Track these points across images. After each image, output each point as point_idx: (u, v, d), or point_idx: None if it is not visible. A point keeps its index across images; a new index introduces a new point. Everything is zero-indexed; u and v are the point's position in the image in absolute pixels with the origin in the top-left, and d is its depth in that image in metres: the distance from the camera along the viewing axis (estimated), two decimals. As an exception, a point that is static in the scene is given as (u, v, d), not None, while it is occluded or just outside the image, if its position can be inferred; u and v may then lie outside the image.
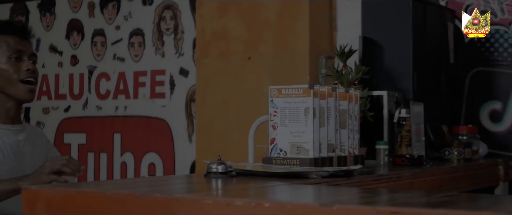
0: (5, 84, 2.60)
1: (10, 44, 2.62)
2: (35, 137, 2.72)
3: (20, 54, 2.62)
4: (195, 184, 1.94)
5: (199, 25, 4.48)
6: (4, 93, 2.61)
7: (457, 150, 3.46)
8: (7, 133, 2.58)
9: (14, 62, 2.60)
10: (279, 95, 2.69)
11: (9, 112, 2.62)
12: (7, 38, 2.63)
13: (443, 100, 3.86)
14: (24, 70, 2.60)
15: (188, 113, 4.89)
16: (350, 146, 2.91)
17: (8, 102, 2.62)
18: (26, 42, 2.70)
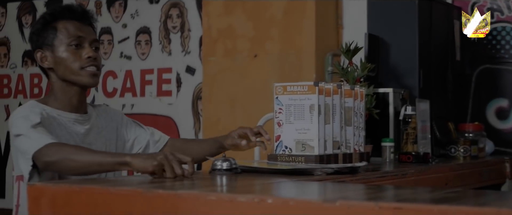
0: (66, 72, 2.45)
1: (70, 31, 2.47)
2: (101, 121, 2.58)
3: (80, 41, 2.48)
4: (199, 181, 1.94)
5: (206, 23, 4.48)
6: (66, 81, 2.47)
7: (463, 147, 3.46)
8: (71, 121, 2.46)
9: (74, 49, 2.46)
10: (284, 92, 2.69)
11: (71, 100, 2.48)
12: (67, 24, 2.48)
13: (449, 98, 3.85)
14: (85, 58, 2.46)
15: (195, 111, 4.90)
16: (356, 143, 2.91)
17: (71, 90, 2.48)
18: (87, 28, 2.54)
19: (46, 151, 2.17)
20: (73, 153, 2.17)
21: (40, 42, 2.49)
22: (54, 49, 2.46)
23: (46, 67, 2.49)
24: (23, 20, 5.69)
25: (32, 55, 2.53)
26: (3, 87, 5.81)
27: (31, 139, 2.22)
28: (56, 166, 2.17)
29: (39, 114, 2.34)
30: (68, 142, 2.39)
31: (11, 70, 5.77)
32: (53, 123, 2.39)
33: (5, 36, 5.79)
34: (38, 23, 2.52)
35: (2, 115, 5.79)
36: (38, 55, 2.49)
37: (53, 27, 2.47)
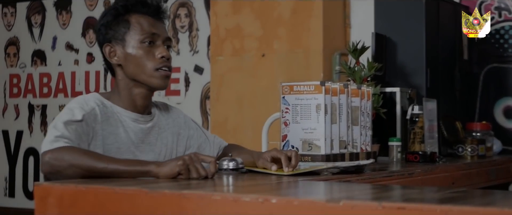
0: (136, 71, 2.31)
1: (144, 26, 2.32)
2: (163, 121, 2.44)
3: (154, 38, 2.32)
4: (205, 180, 1.95)
5: (214, 23, 4.50)
6: (135, 80, 2.32)
7: (470, 147, 3.46)
8: (131, 120, 2.32)
9: (147, 47, 2.31)
10: (291, 92, 2.70)
11: (136, 101, 2.34)
12: (140, 19, 2.32)
13: (457, 97, 3.85)
14: (158, 57, 2.31)
15: (203, 110, 4.91)
16: (363, 142, 2.92)
17: (137, 92, 2.33)
18: (161, 24, 2.39)
19: (58, 154, 2.05)
20: (86, 161, 2.03)
21: (109, 36, 2.32)
22: (125, 44, 2.31)
23: (115, 63, 2.33)
24: (33, 20, 5.72)
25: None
26: (13, 87, 5.84)
27: (51, 136, 2.10)
28: (64, 173, 2.04)
29: (90, 109, 2.22)
30: (123, 140, 2.28)
31: (20, 69, 5.79)
32: (110, 118, 2.27)
33: (14, 35, 5.82)
34: (108, 14, 2.34)
35: (12, 114, 5.82)
36: (107, 50, 2.33)
37: (125, 21, 2.32)
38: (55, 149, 2.05)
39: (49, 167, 2.06)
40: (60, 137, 2.09)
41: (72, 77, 5.53)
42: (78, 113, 2.18)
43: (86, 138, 2.18)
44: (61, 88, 5.58)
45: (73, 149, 2.07)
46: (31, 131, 5.72)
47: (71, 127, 2.14)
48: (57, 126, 2.13)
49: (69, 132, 2.11)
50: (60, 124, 2.13)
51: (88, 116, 2.20)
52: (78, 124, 2.16)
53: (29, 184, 5.71)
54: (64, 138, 2.09)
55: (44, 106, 5.66)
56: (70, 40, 5.53)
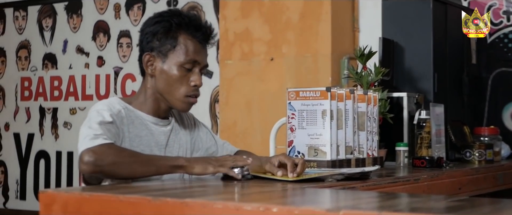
0: (165, 89, 2.36)
1: (189, 51, 2.35)
2: (177, 121, 2.50)
3: (194, 65, 2.37)
4: (209, 188, 1.96)
5: (222, 27, 4.51)
6: (162, 95, 2.38)
7: (478, 151, 3.45)
8: (152, 123, 2.39)
9: (184, 71, 2.35)
10: (297, 97, 2.71)
11: (158, 110, 2.40)
12: (188, 41, 2.36)
13: (465, 101, 3.84)
14: (191, 84, 2.36)
15: (212, 113, 4.92)
16: (369, 148, 2.92)
17: (161, 103, 2.39)
18: (205, 51, 2.42)
19: (100, 150, 2.09)
20: (128, 156, 2.12)
21: (153, 46, 2.37)
22: (166, 60, 2.36)
23: (149, 72, 2.39)
24: (44, 24, 5.75)
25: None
26: (24, 90, 5.87)
27: (89, 135, 2.14)
28: (107, 170, 2.09)
29: (117, 111, 2.27)
30: (146, 143, 2.35)
31: (31, 73, 5.83)
32: (134, 121, 2.34)
33: (26, 39, 5.86)
34: (160, 25, 2.38)
35: (24, 117, 5.86)
36: (146, 58, 2.38)
37: (173, 38, 2.36)
38: (97, 146, 2.10)
39: (92, 166, 2.08)
40: (99, 135, 2.13)
41: (82, 80, 5.56)
42: (107, 114, 2.24)
43: (117, 139, 2.24)
44: (72, 91, 5.61)
45: (114, 146, 2.14)
46: (42, 133, 5.75)
47: (106, 126, 2.19)
48: (92, 126, 2.17)
49: (104, 131, 2.16)
50: (95, 125, 2.17)
51: (116, 117, 2.27)
52: (110, 124, 2.22)
53: (40, 186, 5.74)
54: (103, 135, 2.14)
55: (55, 109, 5.69)
56: (80, 44, 5.56)
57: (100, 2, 5.45)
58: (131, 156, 2.14)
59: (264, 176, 2.27)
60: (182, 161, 2.13)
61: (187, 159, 2.17)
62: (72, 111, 5.61)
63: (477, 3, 4.07)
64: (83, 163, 2.08)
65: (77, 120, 5.56)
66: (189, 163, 2.13)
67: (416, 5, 3.65)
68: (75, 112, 5.60)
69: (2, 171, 5.98)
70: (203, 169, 2.12)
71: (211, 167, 2.13)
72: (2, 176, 5.97)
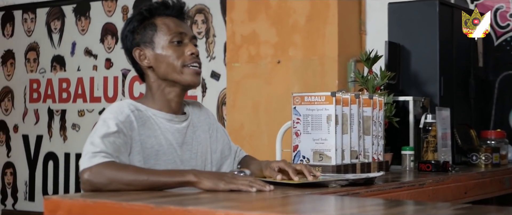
0: (167, 70, 2.36)
1: (171, 27, 2.38)
2: (195, 118, 2.49)
3: (181, 37, 2.39)
4: (213, 194, 1.97)
5: (230, 29, 4.52)
6: (167, 80, 2.37)
7: (484, 155, 3.44)
8: (167, 121, 2.37)
9: (175, 46, 2.37)
10: (302, 102, 2.71)
11: (170, 102, 2.39)
12: (166, 20, 2.40)
13: (472, 105, 3.83)
14: (188, 54, 2.37)
15: (220, 116, 4.93)
16: (374, 152, 2.93)
17: (171, 92, 2.39)
18: (185, 24, 2.46)
19: (97, 171, 2.06)
20: (128, 175, 2.06)
21: (137, 40, 2.38)
22: (154, 46, 2.36)
23: (145, 66, 2.38)
24: (52, 26, 5.77)
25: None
26: (32, 92, 5.90)
27: (88, 153, 2.12)
28: (106, 190, 2.05)
29: (126, 117, 2.24)
30: (161, 142, 2.32)
31: (40, 75, 5.85)
32: (146, 122, 2.31)
33: (34, 41, 5.88)
34: (133, 20, 2.40)
35: (32, 119, 5.89)
36: (136, 53, 2.37)
37: (151, 24, 2.38)
38: (94, 166, 2.07)
39: (89, 185, 2.06)
40: (97, 152, 2.11)
41: (90, 82, 5.58)
42: (112, 124, 2.21)
43: (125, 149, 2.21)
44: (80, 93, 5.64)
45: (113, 164, 2.09)
46: (51, 135, 5.77)
47: (109, 139, 2.16)
48: (94, 142, 2.15)
49: (106, 146, 2.13)
50: (97, 139, 2.15)
51: (124, 124, 2.23)
52: (115, 135, 2.19)
53: (48, 188, 5.77)
54: (102, 152, 2.11)
55: (63, 111, 5.72)
56: (88, 46, 5.59)
57: (108, 5, 5.48)
58: (133, 174, 2.07)
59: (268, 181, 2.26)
60: (191, 177, 2.06)
61: (197, 173, 2.09)
62: (80, 112, 5.64)
63: (484, 6, 4.06)
64: (82, 182, 2.08)
65: (85, 121, 5.59)
66: (199, 178, 2.06)
67: (422, 8, 3.64)
68: (83, 114, 5.62)
69: (11, 172, 6.01)
70: (214, 184, 2.05)
71: (222, 184, 2.05)
72: (11, 178, 6.00)
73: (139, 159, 2.26)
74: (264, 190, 2.06)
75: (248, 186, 2.05)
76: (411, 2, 3.72)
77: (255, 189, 2.05)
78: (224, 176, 2.12)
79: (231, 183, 2.07)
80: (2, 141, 6.06)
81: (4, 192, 6.04)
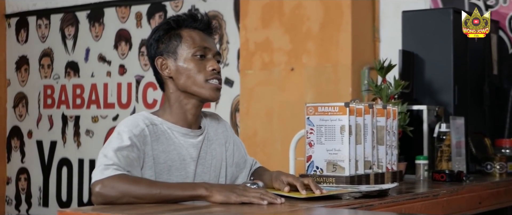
0: (187, 83, 2.36)
1: (196, 40, 2.38)
2: (212, 132, 2.49)
3: (205, 52, 2.38)
4: (225, 207, 1.97)
5: (243, 37, 4.52)
6: (186, 92, 2.37)
7: (499, 164, 3.43)
8: (182, 135, 2.37)
9: (198, 60, 2.36)
10: (316, 113, 2.70)
11: (186, 114, 2.39)
12: (192, 33, 2.39)
13: (486, 113, 3.82)
14: (209, 70, 2.36)
15: (233, 122, 4.93)
16: (388, 162, 2.92)
17: (188, 103, 2.39)
18: (211, 39, 2.46)
19: (109, 183, 2.06)
20: (140, 189, 2.06)
21: (161, 49, 2.39)
22: (177, 57, 2.37)
23: (166, 76, 2.38)
24: (66, 32, 5.79)
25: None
26: (47, 98, 5.92)
27: (101, 165, 2.12)
28: (118, 203, 2.06)
29: (140, 131, 2.24)
30: (174, 157, 2.32)
31: (54, 81, 5.87)
32: (161, 136, 2.31)
33: (48, 47, 5.90)
34: (160, 29, 2.42)
35: (46, 125, 5.90)
36: (159, 62, 2.38)
37: (177, 35, 2.39)
38: (105, 178, 2.07)
39: (101, 198, 2.06)
40: (110, 165, 2.11)
41: (104, 88, 5.60)
42: (126, 137, 2.21)
43: (137, 163, 2.21)
44: (94, 99, 5.65)
45: (125, 177, 2.09)
46: (65, 141, 5.79)
47: (122, 153, 2.16)
48: (107, 154, 2.15)
49: (119, 160, 2.13)
50: (110, 152, 2.15)
51: (138, 138, 2.23)
52: (128, 148, 2.19)
53: (62, 193, 5.78)
54: (114, 165, 2.11)
55: (77, 117, 5.73)
56: (102, 52, 5.60)
57: (122, 11, 5.49)
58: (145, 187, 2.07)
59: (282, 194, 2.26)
60: (202, 191, 2.07)
61: (208, 187, 2.09)
62: (94, 118, 5.65)
63: (499, 14, 4.05)
64: (93, 194, 2.08)
65: (99, 127, 5.60)
66: (210, 192, 2.06)
67: (436, 16, 3.64)
68: (97, 120, 5.63)
69: (25, 178, 6.03)
70: (225, 197, 2.06)
71: (234, 196, 2.06)
72: (25, 183, 6.02)
73: (150, 174, 2.26)
74: (276, 202, 2.07)
75: (259, 198, 2.06)
76: (425, 10, 3.72)
77: (266, 202, 2.06)
78: (235, 188, 2.12)
79: (243, 195, 2.08)
80: (16, 146, 6.09)
81: (18, 197, 6.06)
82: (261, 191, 2.12)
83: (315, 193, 2.24)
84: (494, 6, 4.08)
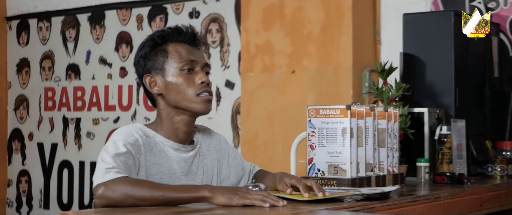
0: (177, 98, 2.34)
1: (182, 54, 2.35)
2: (204, 147, 2.48)
3: (192, 65, 2.36)
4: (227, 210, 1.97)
5: (244, 39, 4.53)
6: (177, 108, 2.36)
7: (500, 166, 3.43)
8: (174, 150, 2.36)
9: (186, 74, 2.35)
10: (317, 115, 2.71)
11: (177, 129, 2.38)
12: (177, 47, 2.37)
13: (487, 115, 3.82)
14: (198, 83, 2.35)
15: (234, 125, 4.94)
16: (389, 164, 2.92)
17: (180, 120, 2.37)
18: (198, 51, 2.43)
19: (112, 186, 2.06)
20: (143, 190, 2.07)
21: (148, 66, 2.36)
22: (165, 73, 2.35)
23: (155, 93, 2.37)
24: (67, 34, 5.80)
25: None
26: (47, 100, 5.93)
27: (101, 169, 2.12)
28: (121, 205, 2.06)
29: (134, 140, 2.25)
30: (165, 170, 2.31)
31: (55, 83, 5.88)
32: (153, 148, 2.31)
33: (49, 49, 5.91)
34: (146, 46, 2.38)
35: (47, 128, 5.91)
36: (147, 80, 2.37)
37: (163, 50, 2.36)
38: (108, 181, 2.07)
39: (105, 200, 2.06)
40: (110, 168, 2.11)
41: (105, 91, 5.60)
42: (121, 145, 2.21)
43: (134, 170, 2.21)
44: (95, 102, 5.65)
45: (127, 179, 2.09)
46: (66, 143, 5.80)
47: (120, 158, 2.16)
48: (106, 159, 2.15)
49: (118, 164, 2.13)
50: (108, 158, 2.15)
51: (133, 147, 2.23)
52: (125, 155, 2.19)
53: (63, 196, 5.79)
54: (115, 168, 2.11)
55: (78, 119, 5.73)
56: (103, 55, 5.60)
57: (123, 13, 5.49)
58: (148, 189, 2.08)
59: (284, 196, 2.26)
60: (205, 192, 2.07)
61: (211, 189, 2.10)
62: (95, 121, 5.65)
63: (499, 16, 4.05)
64: (96, 197, 2.08)
65: (100, 130, 5.60)
66: (213, 193, 2.07)
67: (437, 19, 3.64)
68: (98, 122, 5.64)
69: (26, 180, 6.03)
70: (228, 199, 2.06)
71: (236, 199, 2.06)
72: (26, 185, 6.03)
73: None
74: (278, 205, 2.08)
75: (261, 201, 2.07)
76: (426, 13, 3.72)
77: (269, 204, 2.07)
78: (237, 191, 2.12)
79: (245, 198, 2.08)
80: (17, 149, 6.09)
81: (19, 200, 6.06)
82: (263, 193, 2.13)
83: (318, 196, 2.24)
84: (495, 8, 4.08)
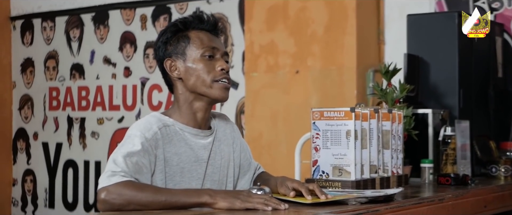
0: (197, 84, 2.37)
1: (204, 41, 2.39)
2: (220, 132, 2.51)
3: (213, 52, 2.39)
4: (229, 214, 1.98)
5: (248, 39, 4.53)
6: (195, 93, 2.39)
7: (504, 167, 3.43)
8: (193, 136, 2.38)
9: (207, 60, 2.38)
10: (321, 118, 2.71)
11: (196, 115, 2.40)
12: (199, 34, 2.41)
13: (491, 116, 3.82)
14: (218, 70, 2.38)
15: (239, 125, 4.94)
16: (394, 166, 2.92)
17: (197, 104, 2.40)
18: (218, 39, 2.48)
19: (115, 190, 2.08)
20: (146, 196, 2.08)
21: (169, 51, 2.41)
22: (186, 58, 2.38)
23: (175, 77, 2.40)
24: (71, 34, 5.81)
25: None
26: (52, 100, 5.94)
27: (108, 171, 2.13)
28: (124, 210, 2.07)
29: (153, 134, 2.25)
30: (185, 159, 2.33)
31: (59, 83, 5.89)
32: (173, 138, 2.32)
33: (54, 49, 5.92)
34: (167, 31, 2.43)
35: (52, 127, 5.92)
36: (168, 64, 2.40)
37: (185, 36, 2.40)
38: (111, 185, 2.08)
39: (107, 205, 2.08)
40: (117, 172, 2.12)
41: (109, 90, 5.61)
42: (138, 142, 2.22)
43: (147, 169, 2.21)
44: (99, 101, 5.67)
45: (131, 184, 2.10)
46: (70, 143, 5.81)
47: (131, 159, 2.17)
48: (117, 160, 2.16)
49: (127, 166, 2.14)
50: (120, 158, 2.16)
51: (150, 142, 2.24)
52: (139, 154, 2.20)
53: (68, 195, 5.80)
54: (121, 172, 2.12)
55: (83, 119, 5.75)
56: (107, 54, 5.61)
57: (127, 13, 5.50)
58: (151, 194, 2.09)
59: (288, 199, 2.27)
60: (206, 198, 2.08)
61: (212, 194, 2.11)
62: (99, 120, 5.67)
63: (503, 16, 4.05)
64: (99, 201, 2.09)
65: (105, 129, 5.62)
66: (215, 199, 2.08)
67: (441, 19, 3.64)
68: (102, 122, 5.65)
69: (31, 179, 6.05)
70: (230, 204, 2.07)
71: (238, 202, 2.07)
72: (31, 185, 6.04)
73: (161, 177, 2.27)
74: (280, 208, 2.08)
75: (263, 204, 2.08)
76: (430, 13, 3.73)
77: (271, 208, 2.08)
78: (239, 194, 2.13)
79: (247, 201, 2.09)
80: (22, 148, 6.11)
81: (24, 199, 6.08)
82: (265, 197, 2.14)
83: (321, 198, 2.25)
84: (499, 9, 4.08)
